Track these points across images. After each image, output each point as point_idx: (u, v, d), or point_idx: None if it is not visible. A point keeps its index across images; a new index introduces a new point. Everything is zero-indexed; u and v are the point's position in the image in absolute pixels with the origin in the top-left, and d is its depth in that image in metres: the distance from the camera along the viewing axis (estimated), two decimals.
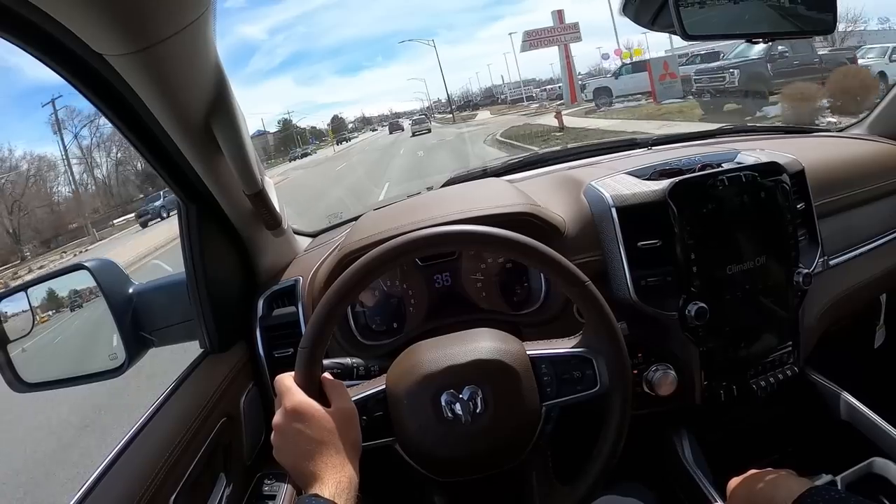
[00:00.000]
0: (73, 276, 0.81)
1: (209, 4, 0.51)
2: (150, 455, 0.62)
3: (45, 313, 0.82)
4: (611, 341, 0.61)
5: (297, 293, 0.84)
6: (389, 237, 0.61)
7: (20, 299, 0.81)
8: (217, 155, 0.66)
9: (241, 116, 0.65)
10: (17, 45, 0.50)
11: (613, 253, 0.80)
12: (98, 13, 0.43)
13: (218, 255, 0.78)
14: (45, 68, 0.53)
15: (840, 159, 1.00)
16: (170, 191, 0.73)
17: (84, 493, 0.57)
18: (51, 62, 0.52)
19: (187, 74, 0.56)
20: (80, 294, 0.82)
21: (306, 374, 0.56)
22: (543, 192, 0.90)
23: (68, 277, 0.81)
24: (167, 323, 0.81)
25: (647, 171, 0.88)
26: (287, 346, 0.82)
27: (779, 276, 0.81)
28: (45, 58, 0.52)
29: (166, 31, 0.48)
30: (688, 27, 0.71)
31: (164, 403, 0.71)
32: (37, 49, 0.50)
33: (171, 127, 0.60)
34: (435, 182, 1.17)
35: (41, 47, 0.50)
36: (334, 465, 0.51)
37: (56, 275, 0.81)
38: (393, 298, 0.88)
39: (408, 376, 0.61)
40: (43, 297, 0.82)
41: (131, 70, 0.51)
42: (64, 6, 0.43)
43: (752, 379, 0.83)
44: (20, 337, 0.80)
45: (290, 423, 0.53)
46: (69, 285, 0.82)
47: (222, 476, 0.72)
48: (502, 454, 0.63)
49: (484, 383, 0.59)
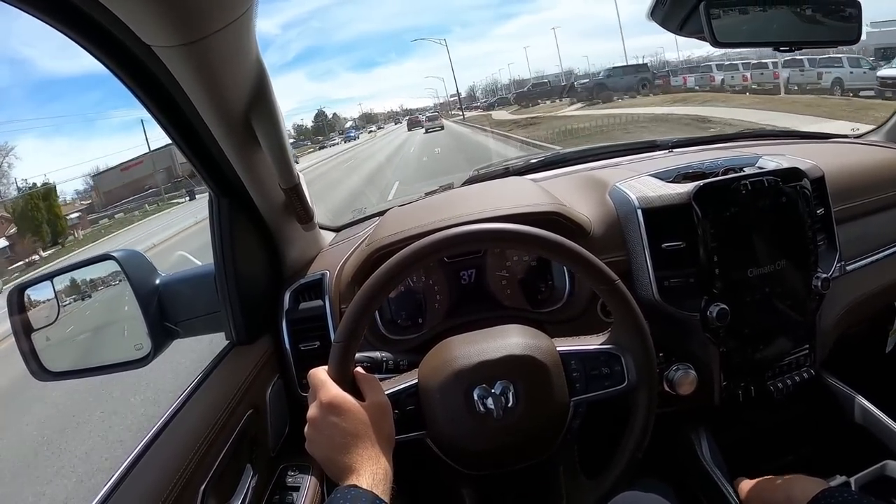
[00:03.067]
0: (100, 266, 0.81)
1: (253, 1, 0.51)
2: (181, 446, 0.62)
3: (70, 302, 0.82)
4: (639, 339, 0.62)
5: (324, 287, 0.85)
6: (420, 234, 0.62)
7: (45, 288, 0.81)
8: (254, 149, 0.67)
9: (280, 111, 0.65)
10: (66, 34, 0.50)
11: (638, 253, 0.81)
12: (151, 5, 0.44)
13: (247, 249, 0.78)
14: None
15: (859, 166, 1.01)
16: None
17: (114, 483, 0.57)
18: (98, 52, 0.53)
19: (231, 69, 0.56)
20: (107, 284, 0.83)
21: (341, 368, 0.57)
22: (568, 192, 0.91)
23: (95, 267, 0.81)
24: (192, 314, 0.82)
25: (671, 173, 0.89)
26: (313, 340, 0.82)
27: (798, 280, 0.82)
28: (93, 48, 0.52)
29: (214, 25, 0.48)
30: (718, 34, 0.72)
31: (193, 394, 0.71)
32: (86, 39, 0.51)
33: (211, 120, 0.61)
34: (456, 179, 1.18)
35: (90, 37, 0.51)
36: (370, 457, 0.52)
37: (83, 265, 0.82)
38: (418, 294, 0.88)
39: (440, 371, 0.62)
40: (69, 287, 0.82)
41: (178, 62, 0.52)
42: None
43: (769, 381, 0.84)
44: (45, 326, 0.81)
45: (326, 417, 0.54)
46: (96, 275, 0.82)
47: (249, 467, 0.73)
48: (531, 448, 0.64)
49: (516, 378, 0.60)
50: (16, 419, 3.79)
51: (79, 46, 0.51)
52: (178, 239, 11.65)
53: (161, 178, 30.93)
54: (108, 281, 0.83)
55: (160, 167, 31.01)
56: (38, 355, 0.78)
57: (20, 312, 0.79)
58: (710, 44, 0.73)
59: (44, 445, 3.29)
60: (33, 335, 0.79)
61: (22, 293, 0.80)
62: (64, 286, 0.82)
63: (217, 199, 0.73)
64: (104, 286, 0.83)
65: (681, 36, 0.81)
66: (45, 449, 3.24)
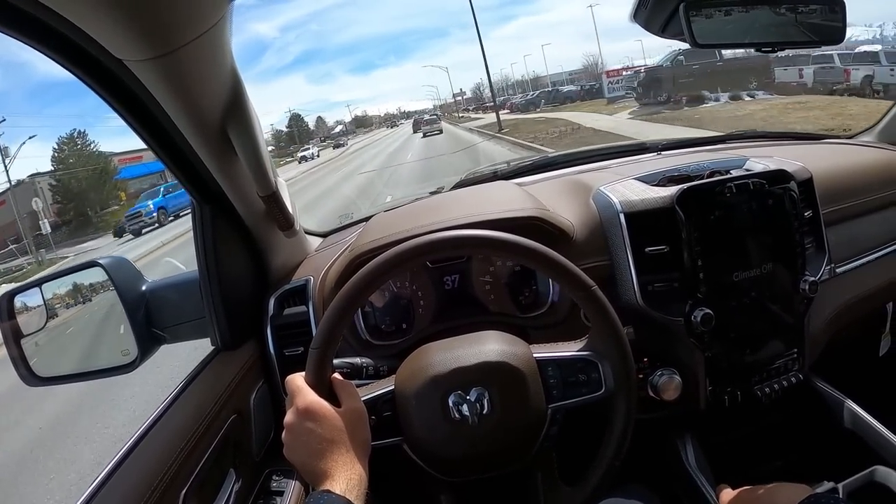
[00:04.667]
0: (87, 273, 0.82)
1: (227, 10, 0.52)
2: (163, 450, 0.63)
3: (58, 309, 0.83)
4: (616, 345, 0.62)
5: (308, 293, 0.85)
6: (400, 240, 0.62)
7: (34, 294, 0.82)
8: (232, 157, 0.67)
9: (256, 119, 0.66)
10: (38, 49, 0.51)
11: (621, 258, 0.80)
12: (119, 20, 0.44)
13: (230, 255, 0.79)
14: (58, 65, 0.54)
15: (849, 167, 1.00)
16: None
17: (96, 486, 0.58)
18: (71, 66, 0.53)
19: (204, 78, 0.57)
20: (94, 290, 0.84)
21: (317, 375, 0.57)
22: (552, 196, 0.91)
23: (82, 274, 0.82)
24: (179, 320, 0.82)
25: (656, 177, 0.88)
26: (297, 345, 0.83)
27: (785, 283, 0.81)
28: (65, 62, 0.53)
29: (185, 36, 0.49)
30: (697, 35, 0.72)
31: (177, 399, 0.72)
32: (57, 53, 0.51)
33: (187, 130, 0.61)
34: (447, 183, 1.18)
35: (62, 52, 0.51)
36: (345, 462, 0.52)
37: (70, 271, 0.83)
38: (402, 299, 0.89)
39: (416, 377, 0.62)
40: (57, 293, 0.83)
41: (150, 75, 0.52)
42: (87, 14, 0.44)
43: (756, 385, 0.83)
44: (34, 332, 0.82)
45: (302, 423, 0.54)
46: (83, 281, 0.83)
47: (232, 472, 0.73)
48: (508, 455, 0.64)
49: (491, 385, 0.60)
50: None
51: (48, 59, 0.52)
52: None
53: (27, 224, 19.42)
54: (96, 288, 0.84)
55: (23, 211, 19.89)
56: (27, 361, 0.79)
57: (10, 318, 0.80)
58: (690, 45, 0.73)
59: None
60: (22, 341, 0.80)
61: (12, 299, 0.81)
62: (52, 293, 0.83)
63: (199, 206, 0.74)
64: (92, 293, 0.84)
65: (663, 38, 0.81)
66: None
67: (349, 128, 64.77)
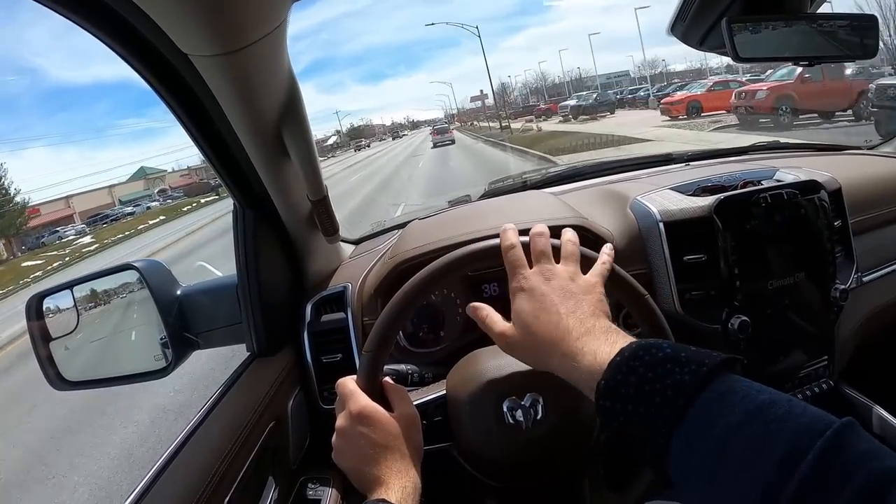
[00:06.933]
0: (120, 276, 0.81)
1: (287, 14, 0.52)
2: (206, 456, 0.62)
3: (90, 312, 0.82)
4: None
5: (346, 300, 0.85)
6: (446, 247, 0.62)
7: (65, 296, 0.81)
8: (283, 161, 0.67)
9: (309, 123, 0.66)
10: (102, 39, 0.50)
11: (660, 266, 0.81)
12: (193, 13, 0.44)
13: (270, 260, 0.78)
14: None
15: (874, 177, 1.02)
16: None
17: (139, 493, 0.57)
18: (131, 58, 0.53)
19: (265, 80, 0.57)
20: (127, 293, 0.82)
21: (370, 379, 0.57)
22: (588, 205, 0.92)
23: (116, 277, 0.81)
24: (213, 325, 0.81)
25: (691, 187, 0.89)
26: (335, 352, 0.82)
27: (817, 291, 0.82)
28: (126, 53, 0.52)
29: (253, 35, 0.49)
30: (740, 49, 0.73)
31: (215, 406, 0.71)
32: (120, 44, 0.51)
33: (243, 130, 0.61)
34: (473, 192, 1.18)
35: (125, 43, 0.51)
36: (399, 469, 0.51)
37: (103, 274, 0.81)
38: (440, 307, 0.88)
39: (470, 382, 0.62)
40: (89, 296, 0.82)
41: (215, 72, 0.52)
42: (163, 6, 0.44)
43: (787, 392, 0.84)
44: (64, 334, 0.80)
45: (355, 427, 0.53)
46: (116, 284, 0.82)
47: (271, 479, 0.72)
48: (559, 460, 0.64)
49: (545, 391, 0.60)
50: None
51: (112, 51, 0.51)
52: None
53: None
54: (129, 291, 0.82)
55: None
56: (55, 363, 0.77)
57: (38, 319, 0.79)
58: (732, 59, 0.74)
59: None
60: (52, 344, 0.78)
61: (41, 301, 0.79)
62: (84, 295, 0.82)
63: (242, 211, 0.73)
64: (124, 295, 0.82)
65: (701, 50, 0.83)
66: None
67: (342, 140, 62.52)
